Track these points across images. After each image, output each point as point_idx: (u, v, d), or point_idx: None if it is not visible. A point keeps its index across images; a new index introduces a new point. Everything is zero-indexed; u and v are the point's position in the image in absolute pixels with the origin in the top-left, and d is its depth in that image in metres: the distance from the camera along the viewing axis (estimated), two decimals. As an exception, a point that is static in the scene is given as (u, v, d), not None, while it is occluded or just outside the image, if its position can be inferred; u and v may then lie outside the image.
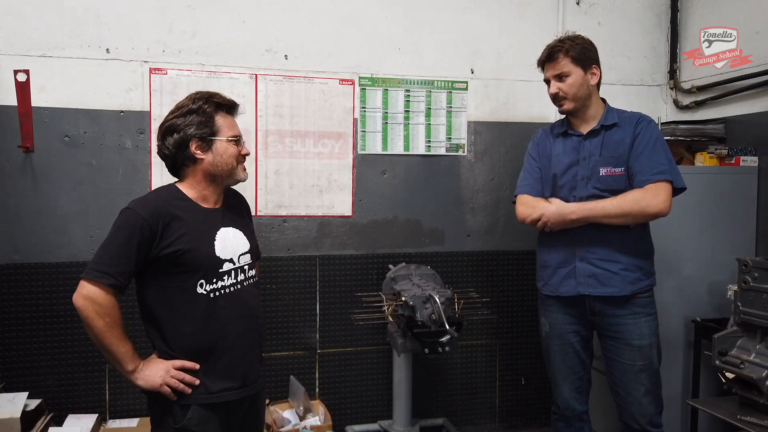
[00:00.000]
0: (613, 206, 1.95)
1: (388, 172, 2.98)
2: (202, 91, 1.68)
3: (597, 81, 2.10)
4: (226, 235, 1.63)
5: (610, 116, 2.09)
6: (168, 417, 1.56)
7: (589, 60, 2.07)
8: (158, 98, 2.70)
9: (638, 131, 2.02)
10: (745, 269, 1.81)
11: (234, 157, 1.63)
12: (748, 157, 2.73)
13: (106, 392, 2.69)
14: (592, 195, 2.03)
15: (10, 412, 2.30)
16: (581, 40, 2.10)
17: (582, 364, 2.18)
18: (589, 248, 2.04)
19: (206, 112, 1.61)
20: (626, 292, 2.02)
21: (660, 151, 2.00)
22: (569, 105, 2.08)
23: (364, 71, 2.92)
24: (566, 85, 2.06)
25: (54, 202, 2.61)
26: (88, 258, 2.63)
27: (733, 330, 1.85)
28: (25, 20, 2.55)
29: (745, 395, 1.74)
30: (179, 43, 2.71)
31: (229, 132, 1.63)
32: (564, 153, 2.13)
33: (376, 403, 3.00)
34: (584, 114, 2.11)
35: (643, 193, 1.94)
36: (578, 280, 2.07)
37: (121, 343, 1.52)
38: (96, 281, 1.49)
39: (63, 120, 2.60)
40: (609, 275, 2.02)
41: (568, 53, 2.05)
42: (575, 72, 2.05)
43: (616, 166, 2.02)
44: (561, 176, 2.11)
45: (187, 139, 1.59)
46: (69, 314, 2.64)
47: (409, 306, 2.32)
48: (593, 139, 2.08)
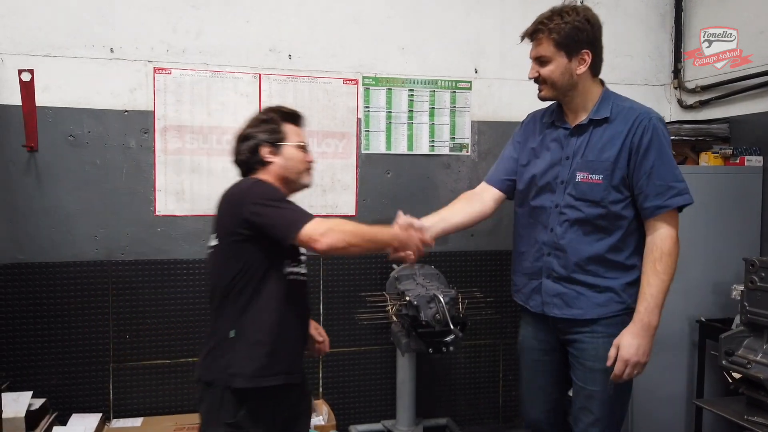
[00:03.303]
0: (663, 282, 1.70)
1: (392, 171, 2.98)
2: (272, 105, 1.85)
3: (587, 67, 1.75)
4: None
5: (602, 108, 1.76)
6: (219, 413, 1.57)
7: (578, 44, 1.72)
8: (162, 98, 2.70)
9: (639, 137, 1.69)
10: (752, 269, 1.81)
11: (301, 162, 1.74)
12: (752, 157, 2.73)
13: (110, 392, 2.69)
14: (568, 204, 1.76)
15: (15, 411, 2.31)
16: (573, 17, 1.72)
17: (555, 384, 1.90)
18: (555, 265, 1.80)
19: (275, 121, 1.74)
20: (591, 315, 1.77)
21: (672, 163, 1.72)
22: (547, 92, 1.79)
23: (368, 71, 2.92)
24: (546, 71, 1.75)
25: (58, 202, 2.61)
26: (93, 257, 2.67)
27: (740, 330, 1.84)
28: (30, 20, 2.55)
29: (752, 395, 1.73)
30: (183, 42, 2.71)
31: (296, 139, 1.75)
32: (547, 148, 1.84)
33: (380, 403, 2.99)
34: (571, 103, 1.80)
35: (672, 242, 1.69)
36: (543, 299, 1.84)
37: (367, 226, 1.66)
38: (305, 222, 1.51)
39: (67, 119, 2.61)
40: (575, 295, 1.77)
41: (551, 35, 1.72)
42: (557, 58, 1.73)
43: (594, 172, 1.72)
44: (541, 177, 1.83)
45: (259, 144, 1.71)
46: (73, 314, 2.64)
47: (413, 306, 2.31)
48: (580, 136, 1.78)
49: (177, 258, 2.74)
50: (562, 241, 1.77)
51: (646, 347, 1.66)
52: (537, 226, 1.84)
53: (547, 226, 1.80)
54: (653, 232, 1.71)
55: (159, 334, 2.73)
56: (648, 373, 2.58)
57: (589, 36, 1.74)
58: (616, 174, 1.71)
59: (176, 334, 2.75)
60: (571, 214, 1.76)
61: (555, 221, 1.79)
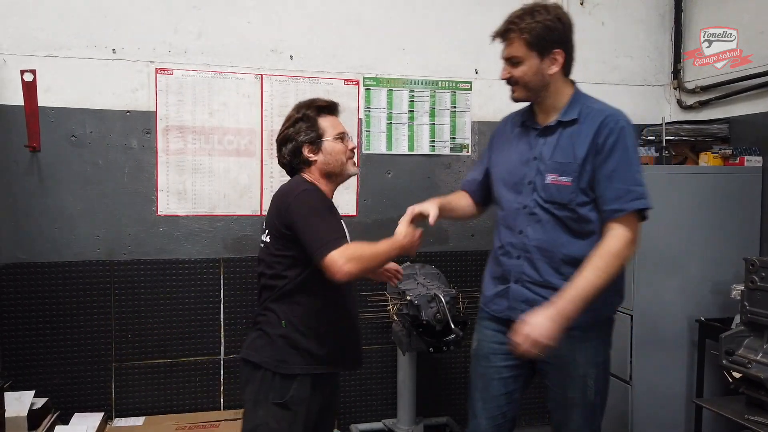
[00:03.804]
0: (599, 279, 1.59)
1: (393, 171, 2.99)
2: (304, 100, 1.81)
3: (559, 68, 1.70)
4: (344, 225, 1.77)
5: (571, 110, 1.71)
6: (268, 393, 1.65)
7: (550, 44, 1.67)
8: (164, 98, 2.70)
9: (604, 139, 1.64)
10: (752, 269, 1.81)
11: (342, 153, 1.77)
12: (752, 157, 2.74)
13: (112, 391, 2.70)
14: (538, 206, 1.71)
15: (17, 410, 2.32)
16: (544, 16, 1.67)
17: (508, 396, 1.80)
18: (526, 268, 1.73)
19: (310, 118, 1.75)
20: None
21: (635, 167, 1.65)
22: (519, 93, 1.74)
23: (369, 71, 2.93)
24: (518, 72, 1.70)
25: (60, 202, 2.62)
26: (95, 257, 2.68)
27: (740, 329, 1.85)
28: (32, 20, 2.56)
29: (753, 395, 1.74)
30: (185, 43, 2.72)
31: (334, 131, 1.76)
32: (518, 148, 1.80)
33: (381, 402, 3.00)
34: (542, 104, 1.76)
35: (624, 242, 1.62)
36: (510, 304, 1.75)
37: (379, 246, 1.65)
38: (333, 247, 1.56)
39: (69, 120, 2.61)
40: (543, 302, 1.65)
41: (522, 35, 1.66)
42: (529, 59, 1.67)
43: (563, 174, 1.68)
44: (509, 176, 1.79)
45: (300, 146, 1.74)
46: (75, 313, 2.65)
47: (414, 305, 2.33)
48: (549, 136, 1.73)
49: (179, 258, 2.75)
50: (531, 243, 1.72)
51: (552, 332, 1.57)
52: (504, 228, 1.80)
53: (515, 228, 1.76)
54: (608, 233, 1.65)
55: (161, 334, 2.74)
56: (648, 373, 2.62)
57: (561, 35, 1.69)
58: (584, 176, 1.66)
59: (178, 333, 2.76)
60: (542, 215, 1.71)
61: (524, 223, 1.74)
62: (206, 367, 2.80)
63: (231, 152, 2.79)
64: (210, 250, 2.78)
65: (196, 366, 2.79)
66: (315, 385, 1.70)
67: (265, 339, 1.70)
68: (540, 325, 1.56)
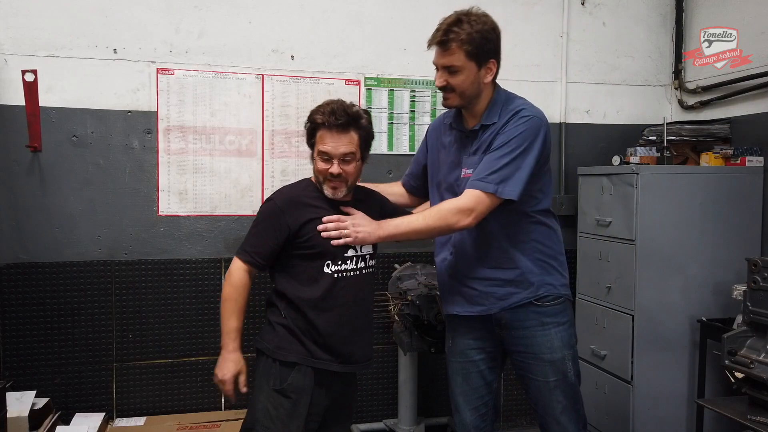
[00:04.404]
0: (421, 224, 1.72)
1: (394, 172, 2.98)
2: (322, 103, 1.75)
3: (492, 77, 1.78)
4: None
5: (491, 113, 1.78)
6: (269, 379, 1.71)
7: (486, 54, 1.74)
8: (165, 98, 2.70)
9: (503, 124, 1.74)
10: (755, 269, 1.81)
11: (320, 173, 1.73)
12: (753, 157, 2.74)
13: (113, 391, 2.70)
14: None
15: (18, 410, 2.31)
16: (481, 26, 1.72)
17: (487, 386, 1.91)
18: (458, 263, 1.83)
19: (311, 126, 1.74)
20: (494, 310, 1.79)
21: (513, 155, 1.70)
22: (454, 101, 1.79)
23: (370, 71, 2.93)
24: (456, 81, 1.74)
25: (61, 202, 2.62)
26: (96, 257, 2.68)
27: (743, 330, 1.84)
28: (33, 20, 2.56)
29: (755, 395, 1.74)
30: (186, 43, 2.72)
31: (319, 148, 1.72)
32: (449, 150, 1.88)
33: (382, 402, 3.00)
34: (472, 109, 1.82)
35: (455, 207, 1.70)
36: (450, 298, 1.88)
37: (230, 318, 1.72)
38: (237, 257, 1.74)
39: (70, 120, 2.61)
40: (476, 293, 1.81)
41: (462, 46, 1.70)
42: (468, 68, 1.72)
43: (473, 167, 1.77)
44: (444, 177, 1.87)
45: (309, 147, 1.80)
46: (76, 313, 2.65)
47: (415, 305, 2.32)
48: (474, 139, 1.82)
49: (180, 258, 2.75)
50: (460, 238, 1.82)
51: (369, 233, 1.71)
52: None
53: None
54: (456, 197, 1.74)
55: (162, 334, 2.74)
56: (649, 373, 2.61)
57: (495, 45, 1.77)
58: None
59: (179, 333, 2.76)
60: None
61: None
62: (207, 367, 2.80)
63: (232, 152, 2.79)
64: (211, 251, 2.78)
65: (197, 366, 2.79)
66: (320, 380, 1.71)
67: (269, 327, 1.77)
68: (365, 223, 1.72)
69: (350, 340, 1.76)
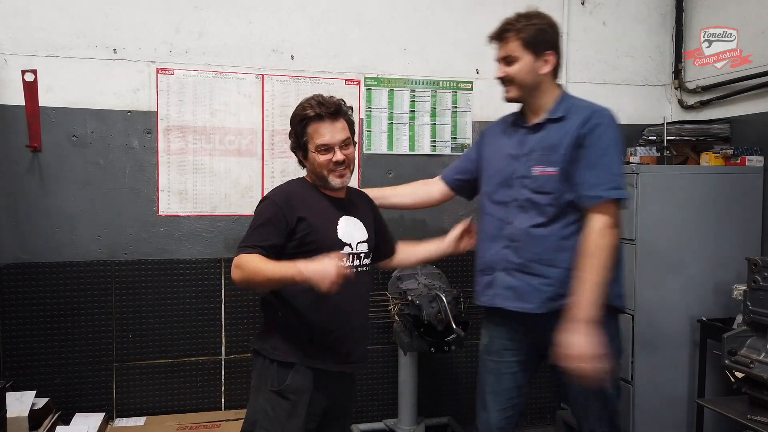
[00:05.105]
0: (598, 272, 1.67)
1: (394, 171, 2.99)
2: (309, 97, 1.75)
3: (551, 69, 1.82)
4: (347, 222, 1.76)
5: (559, 108, 1.82)
6: (267, 380, 1.69)
7: (543, 44, 1.80)
8: (165, 98, 2.70)
9: (587, 131, 1.75)
10: (755, 269, 1.81)
11: (323, 167, 1.71)
12: (753, 157, 2.74)
13: (113, 391, 2.70)
14: (527, 199, 1.80)
15: (18, 410, 2.31)
16: (539, 19, 1.81)
17: (518, 389, 1.90)
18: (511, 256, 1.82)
19: (299, 124, 1.73)
20: (542, 310, 1.76)
21: (614, 158, 1.76)
22: (513, 93, 1.84)
23: (370, 71, 2.93)
24: (513, 70, 1.81)
25: (61, 202, 2.62)
26: (96, 257, 2.68)
27: (743, 329, 1.84)
28: (33, 20, 2.56)
29: (755, 395, 1.74)
30: (186, 43, 2.71)
31: (316, 141, 1.70)
32: (508, 145, 1.90)
33: (382, 402, 3.00)
34: (533, 104, 1.86)
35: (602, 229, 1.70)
36: (495, 291, 1.85)
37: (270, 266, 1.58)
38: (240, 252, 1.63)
39: (70, 120, 2.61)
40: (527, 289, 1.79)
41: (519, 35, 1.79)
42: (524, 57, 1.79)
43: (550, 165, 1.78)
44: (500, 172, 1.89)
45: (295, 151, 1.78)
46: (76, 313, 2.65)
47: (415, 305, 2.33)
48: (537, 133, 1.84)
49: (180, 258, 2.75)
50: (518, 232, 1.81)
51: (585, 341, 1.63)
52: (495, 221, 1.89)
53: (505, 220, 1.85)
54: (588, 225, 1.73)
55: (162, 334, 2.74)
56: (649, 373, 2.61)
57: (552, 39, 1.83)
58: (568, 166, 1.76)
59: (179, 333, 2.76)
60: (529, 207, 1.81)
61: (513, 214, 1.83)
62: (207, 367, 2.80)
63: (232, 152, 2.79)
64: (211, 251, 2.78)
65: (197, 366, 2.79)
66: (318, 380, 1.70)
67: (266, 327, 1.76)
68: (569, 343, 1.63)
69: (348, 339, 1.74)
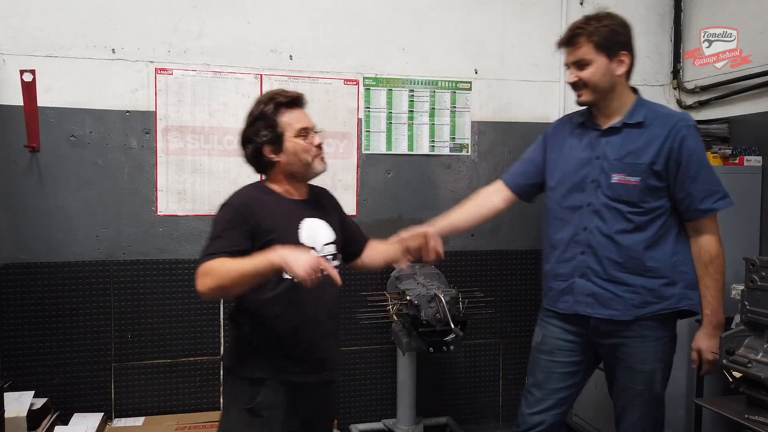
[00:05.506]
0: (717, 285, 1.80)
1: (393, 171, 2.99)
2: (265, 93, 1.70)
3: (626, 70, 1.79)
4: (311, 224, 1.67)
5: (636, 113, 1.80)
6: (238, 398, 1.61)
7: (616, 45, 1.76)
8: (164, 98, 2.70)
9: (680, 142, 1.73)
10: (752, 268, 1.81)
11: (306, 151, 1.64)
12: (751, 157, 2.74)
13: (111, 391, 2.70)
14: (603, 204, 1.79)
15: (17, 410, 2.31)
16: (610, 20, 1.77)
17: (566, 389, 1.92)
18: (591, 263, 1.82)
19: (269, 116, 1.63)
20: (628, 317, 1.79)
21: (710, 167, 1.78)
22: (587, 97, 1.80)
23: (369, 71, 2.93)
24: (586, 73, 1.76)
25: (60, 202, 2.62)
26: (94, 257, 2.68)
27: (740, 329, 1.84)
28: (31, 20, 2.56)
29: (753, 394, 1.73)
30: (185, 43, 2.72)
31: (296, 128, 1.63)
32: (578, 148, 1.86)
33: (381, 402, 3.00)
34: (606, 107, 1.82)
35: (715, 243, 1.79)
36: (576, 298, 1.85)
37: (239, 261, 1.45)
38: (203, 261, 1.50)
39: (69, 120, 2.61)
40: (610, 296, 1.80)
41: (591, 38, 1.74)
42: (598, 60, 1.75)
43: (631, 174, 1.76)
44: (570, 175, 1.86)
45: (260, 147, 1.64)
46: (74, 313, 2.65)
47: (413, 305, 2.32)
48: (612, 137, 1.81)
49: (178, 258, 2.75)
50: (596, 239, 1.81)
51: (717, 344, 1.78)
52: (568, 226, 1.87)
53: (579, 225, 1.84)
54: (698, 237, 1.80)
55: (160, 334, 2.74)
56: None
57: (626, 39, 1.80)
58: (652, 177, 1.75)
59: (177, 333, 2.76)
60: (606, 213, 1.80)
61: (587, 220, 1.82)
62: (206, 367, 2.80)
63: (231, 152, 2.79)
64: (210, 250, 2.78)
65: (195, 366, 2.79)
66: (293, 394, 1.62)
67: (234, 344, 1.68)
68: (712, 347, 1.80)
69: (320, 347, 1.66)
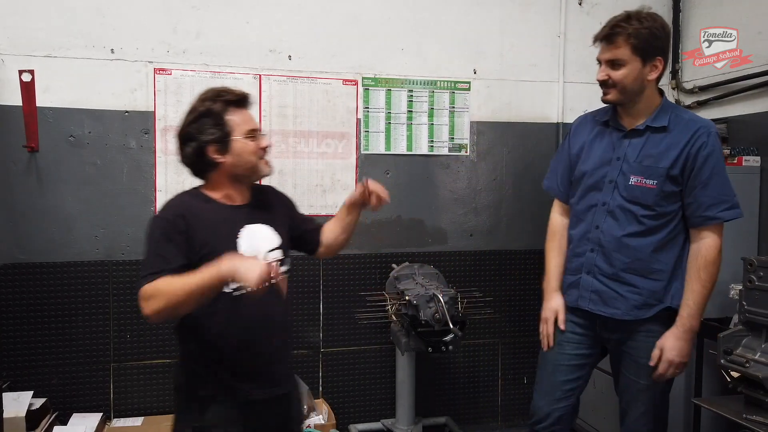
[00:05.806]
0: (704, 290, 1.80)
1: (392, 172, 2.99)
2: (210, 89, 1.60)
3: (657, 75, 1.77)
4: (252, 231, 1.57)
5: (660, 116, 1.79)
6: (188, 414, 1.54)
7: (654, 50, 1.73)
8: (162, 98, 2.70)
9: (698, 148, 1.73)
10: (750, 268, 1.81)
11: (253, 153, 1.56)
12: (750, 157, 2.74)
13: (110, 391, 2.70)
14: (618, 205, 1.81)
15: (16, 410, 2.32)
16: (651, 22, 1.72)
17: (573, 381, 1.95)
18: (600, 261, 1.85)
19: (216, 113, 1.53)
20: (628, 317, 1.83)
21: (725, 176, 1.76)
22: (614, 96, 1.78)
23: (368, 71, 2.93)
24: (618, 75, 1.74)
25: (59, 202, 2.62)
26: (93, 257, 2.68)
27: (739, 329, 1.84)
28: (30, 20, 2.56)
29: (751, 394, 1.74)
30: (183, 43, 2.72)
31: (244, 128, 1.55)
32: (599, 147, 1.87)
33: (380, 402, 3.00)
34: (632, 108, 1.81)
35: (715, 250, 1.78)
36: (581, 293, 1.89)
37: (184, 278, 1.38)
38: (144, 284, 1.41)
39: (68, 120, 2.61)
40: (614, 295, 1.83)
41: (629, 39, 1.71)
42: (632, 63, 1.73)
43: (649, 177, 1.76)
44: (590, 175, 1.87)
45: (203, 146, 1.53)
46: (73, 313, 2.65)
47: (412, 305, 2.32)
48: (634, 139, 1.81)
49: (177, 258, 2.74)
50: (606, 238, 1.83)
51: (688, 349, 1.79)
52: (582, 223, 1.90)
53: (592, 222, 1.86)
54: (699, 241, 1.80)
55: (159, 334, 2.74)
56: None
57: (663, 44, 1.78)
58: (670, 181, 1.76)
59: (176, 333, 2.76)
60: (620, 213, 1.81)
61: (601, 219, 1.84)
62: (205, 367, 2.80)
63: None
64: (209, 251, 2.78)
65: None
66: (246, 410, 1.53)
67: (181, 360, 1.61)
68: (676, 348, 1.77)
69: (271, 361, 1.58)
